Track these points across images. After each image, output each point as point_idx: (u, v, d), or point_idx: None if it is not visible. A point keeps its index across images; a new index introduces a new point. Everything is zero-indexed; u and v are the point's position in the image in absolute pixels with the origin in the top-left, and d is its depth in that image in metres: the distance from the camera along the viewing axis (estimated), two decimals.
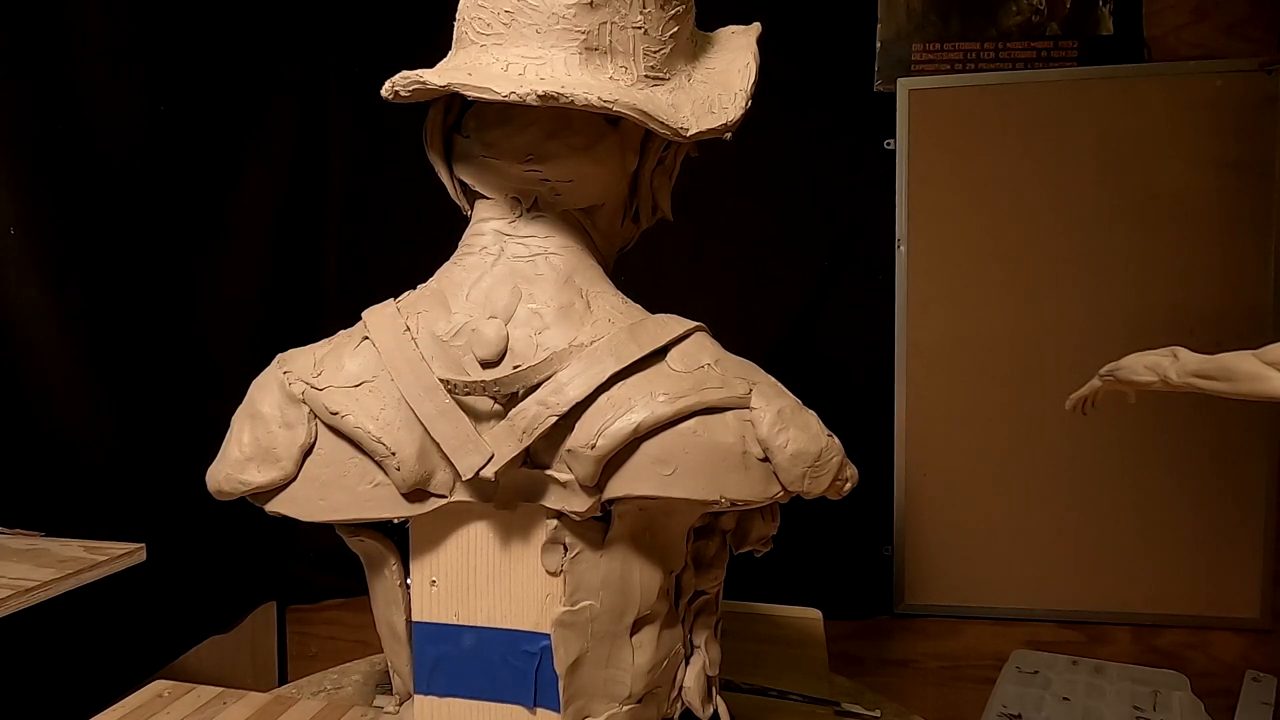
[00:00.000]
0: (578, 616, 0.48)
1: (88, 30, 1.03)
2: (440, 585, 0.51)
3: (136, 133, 1.09)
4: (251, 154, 1.26)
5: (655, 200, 0.57)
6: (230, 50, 1.22)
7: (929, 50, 1.27)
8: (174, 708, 0.71)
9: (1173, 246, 1.21)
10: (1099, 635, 1.28)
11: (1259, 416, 1.20)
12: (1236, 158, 1.19)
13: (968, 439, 1.28)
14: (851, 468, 0.48)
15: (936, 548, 1.30)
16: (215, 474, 0.49)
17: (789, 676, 0.76)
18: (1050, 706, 1.05)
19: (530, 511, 0.48)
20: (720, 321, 0.52)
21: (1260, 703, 1.14)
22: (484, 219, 0.52)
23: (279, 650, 1.51)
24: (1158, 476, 1.23)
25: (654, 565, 0.49)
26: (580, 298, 0.49)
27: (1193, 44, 1.21)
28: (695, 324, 0.49)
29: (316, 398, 0.47)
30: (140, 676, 0.84)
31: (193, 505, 0.53)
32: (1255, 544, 1.22)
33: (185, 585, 1.22)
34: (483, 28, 0.50)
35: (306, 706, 0.70)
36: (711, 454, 0.45)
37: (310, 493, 0.48)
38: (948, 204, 1.26)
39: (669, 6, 0.51)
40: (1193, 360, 0.68)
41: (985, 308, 1.26)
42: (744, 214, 1.28)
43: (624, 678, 0.49)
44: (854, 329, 1.30)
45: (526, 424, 0.46)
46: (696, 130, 0.50)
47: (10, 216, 0.96)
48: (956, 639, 1.33)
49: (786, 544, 0.59)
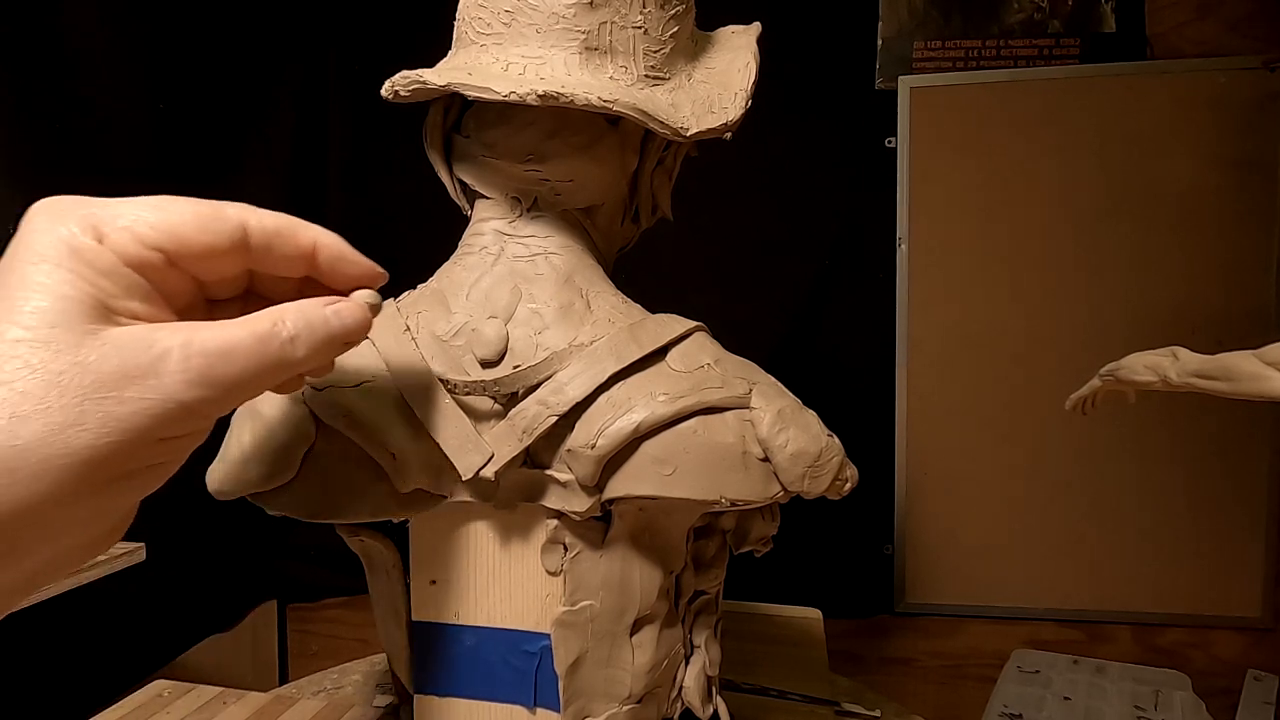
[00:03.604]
0: (578, 616, 0.48)
1: (88, 30, 1.03)
2: (440, 585, 0.51)
3: (136, 132, 1.09)
4: (251, 154, 1.26)
5: (655, 200, 0.56)
6: (230, 50, 1.22)
7: (930, 48, 1.26)
8: (174, 707, 0.71)
9: (1175, 245, 1.21)
10: (1100, 634, 1.28)
11: (1260, 416, 1.19)
12: (1240, 156, 1.19)
13: (968, 438, 1.28)
14: (852, 468, 0.48)
15: (937, 547, 1.30)
16: (215, 473, 0.49)
17: (789, 676, 0.76)
18: (1051, 706, 1.05)
19: (530, 511, 0.48)
20: (720, 321, 0.52)
21: (1262, 702, 1.13)
22: (484, 219, 0.52)
23: (279, 649, 1.51)
24: (1159, 475, 1.23)
25: (654, 565, 0.49)
26: (580, 298, 0.49)
27: (1196, 41, 1.20)
28: (695, 324, 0.49)
29: (317, 397, 0.47)
30: (140, 676, 0.84)
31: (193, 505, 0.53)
32: (1257, 543, 1.22)
33: (185, 585, 1.22)
34: (483, 27, 0.50)
35: (306, 706, 0.70)
36: (711, 454, 0.45)
37: (310, 493, 0.48)
38: (949, 202, 1.26)
39: (669, 6, 0.51)
40: (1193, 360, 0.68)
41: (986, 307, 1.26)
42: (744, 213, 1.28)
43: (624, 678, 0.49)
44: (854, 328, 1.30)
45: (526, 424, 0.46)
46: (696, 130, 0.50)
47: (10, 216, 0.96)
48: (957, 638, 1.33)
49: (786, 544, 0.59)
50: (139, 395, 0.28)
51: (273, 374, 0.32)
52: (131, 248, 0.30)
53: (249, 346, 0.31)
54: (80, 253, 0.29)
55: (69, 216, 0.30)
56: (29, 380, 0.27)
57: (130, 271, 0.30)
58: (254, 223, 0.34)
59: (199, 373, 0.30)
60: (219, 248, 0.33)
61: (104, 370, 0.28)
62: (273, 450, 0.47)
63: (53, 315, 0.28)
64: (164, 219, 0.31)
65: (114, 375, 0.28)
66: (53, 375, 0.27)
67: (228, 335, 0.31)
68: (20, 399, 0.26)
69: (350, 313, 0.35)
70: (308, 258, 0.36)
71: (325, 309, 0.34)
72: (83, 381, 0.27)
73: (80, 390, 0.27)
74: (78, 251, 0.29)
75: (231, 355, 0.31)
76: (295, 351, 0.33)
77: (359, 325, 0.35)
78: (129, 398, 0.28)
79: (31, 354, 0.27)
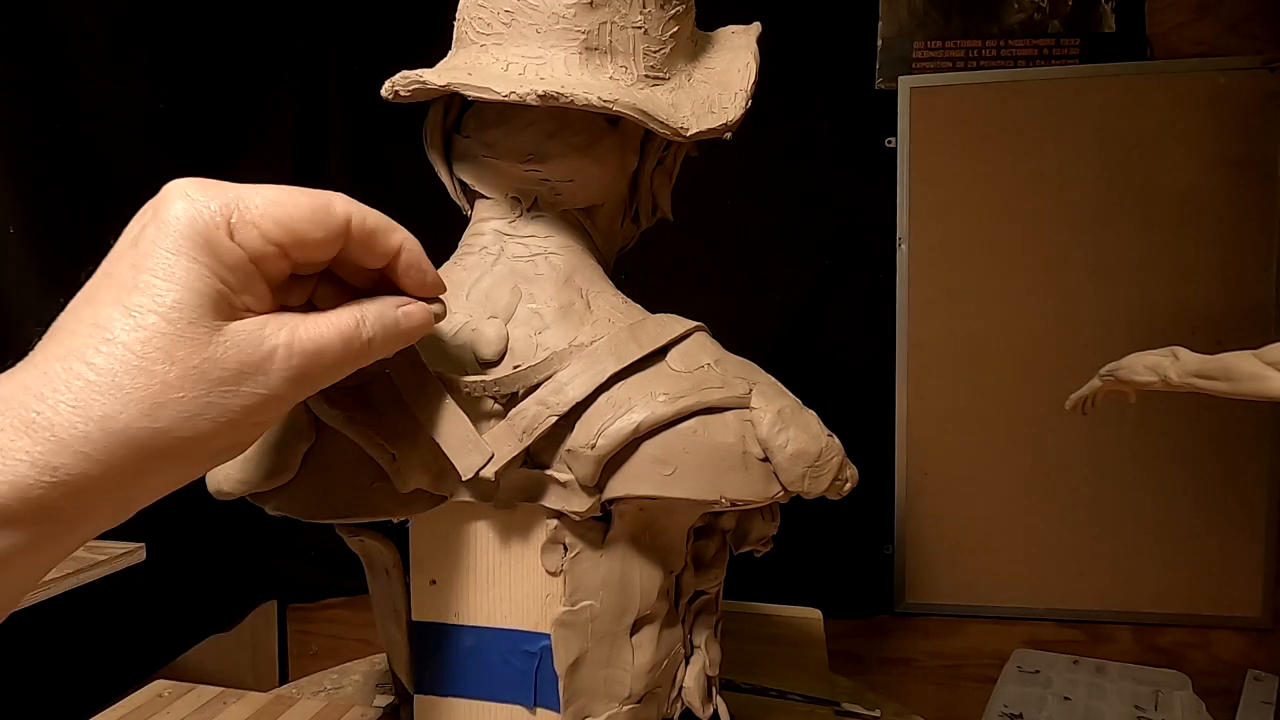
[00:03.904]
0: (578, 616, 0.48)
1: (88, 30, 1.03)
2: (440, 585, 0.51)
3: (136, 132, 1.09)
4: (251, 153, 1.26)
5: (655, 200, 0.56)
6: (230, 50, 1.22)
7: (930, 48, 1.27)
8: (174, 708, 0.71)
9: (1175, 245, 1.21)
10: (1100, 634, 1.28)
11: (1260, 416, 1.20)
12: (1239, 156, 1.19)
13: (969, 438, 1.28)
14: (852, 468, 0.48)
15: (937, 547, 1.30)
16: (215, 473, 0.49)
17: (789, 676, 0.76)
18: (1051, 706, 1.05)
19: (530, 511, 0.48)
20: (720, 321, 0.52)
21: (1262, 702, 1.14)
22: (484, 219, 0.52)
23: (279, 649, 1.51)
24: (1159, 475, 1.23)
25: (654, 565, 0.49)
26: (580, 298, 0.49)
27: (1195, 41, 1.21)
28: (695, 324, 0.49)
29: (317, 397, 0.47)
30: (140, 676, 0.84)
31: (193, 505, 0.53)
32: (1257, 543, 1.22)
33: (185, 585, 1.22)
34: (483, 27, 0.50)
35: (306, 706, 0.70)
36: (712, 454, 0.44)
37: (311, 493, 0.48)
38: (949, 202, 1.26)
39: (669, 6, 0.51)
40: (1193, 360, 0.68)
41: (987, 306, 1.26)
42: (744, 213, 1.28)
43: (624, 678, 0.49)
44: (855, 328, 1.30)
45: (526, 424, 0.46)
46: (696, 130, 0.50)
47: (10, 216, 0.96)
48: (957, 638, 1.33)
49: (786, 544, 0.59)
50: (251, 390, 0.32)
51: (350, 367, 0.37)
52: (256, 244, 0.33)
53: (337, 347, 0.35)
54: (214, 246, 0.32)
55: (207, 204, 0.32)
56: (169, 372, 0.30)
57: (252, 268, 0.33)
58: (356, 220, 0.36)
59: (298, 370, 0.33)
60: (326, 242, 0.36)
61: (226, 366, 0.31)
62: (272, 450, 0.47)
63: (190, 311, 0.31)
64: (285, 215, 0.34)
65: (233, 371, 0.32)
66: (188, 369, 0.30)
67: (320, 334, 0.34)
68: (162, 389, 0.30)
69: (418, 316, 0.39)
70: (391, 257, 0.38)
71: (397, 310, 0.38)
72: (210, 375, 0.31)
73: (208, 383, 0.31)
74: (212, 245, 0.32)
75: (323, 354, 0.34)
76: (371, 350, 0.37)
77: (421, 327, 0.40)
78: (243, 391, 0.32)
79: (174, 348, 0.30)
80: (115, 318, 0.30)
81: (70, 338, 0.30)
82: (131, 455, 0.29)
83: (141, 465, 0.30)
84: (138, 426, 0.29)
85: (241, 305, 0.33)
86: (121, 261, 0.31)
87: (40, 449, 0.28)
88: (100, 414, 0.29)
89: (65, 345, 0.30)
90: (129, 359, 0.30)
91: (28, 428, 0.28)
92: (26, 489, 0.28)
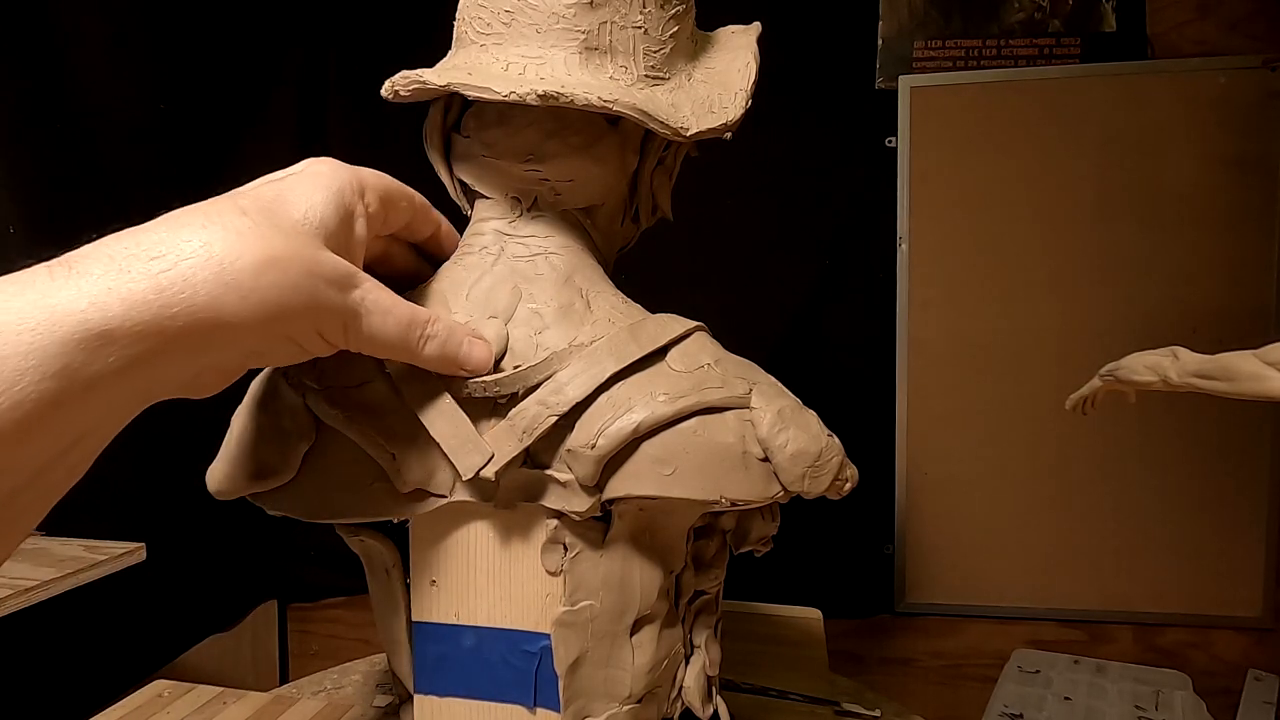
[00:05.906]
0: (578, 616, 0.48)
1: (87, 30, 1.03)
2: (440, 585, 0.51)
3: (136, 132, 1.09)
4: (252, 154, 1.26)
5: (655, 200, 0.56)
6: (230, 49, 1.22)
7: (930, 47, 1.26)
8: (174, 707, 0.71)
9: (1176, 245, 1.21)
10: (1100, 634, 1.28)
11: (1260, 416, 1.19)
12: (1240, 155, 1.19)
13: (969, 438, 1.28)
14: (852, 467, 0.48)
15: (937, 546, 1.31)
16: (215, 473, 0.49)
17: (789, 676, 0.76)
18: (1052, 706, 1.05)
19: (530, 511, 0.48)
20: (720, 321, 0.52)
21: (1262, 702, 1.14)
22: (484, 219, 0.52)
23: (279, 649, 1.51)
24: (1159, 475, 1.23)
25: (654, 565, 0.49)
26: (580, 298, 0.49)
27: (1196, 41, 1.21)
28: (695, 324, 0.49)
29: (317, 397, 0.47)
30: (140, 676, 0.84)
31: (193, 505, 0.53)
32: (1258, 542, 1.22)
33: (185, 584, 1.22)
34: (483, 27, 0.50)
35: (306, 706, 0.70)
36: (712, 454, 0.45)
37: (311, 493, 0.48)
38: (949, 202, 1.26)
39: (669, 6, 0.51)
40: (1193, 360, 0.68)
41: (987, 306, 1.26)
42: (744, 213, 1.28)
43: (624, 678, 0.49)
44: (855, 328, 1.30)
45: (526, 424, 0.45)
46: (697, 130, 0.50)
47: (10, 216, 0.96)
48: (957, 638, 1.33)
49: (786, 544, 0.59)
50: (338, 297, 0.38)
51: (397, 355, 0.43)
52: (367, 234, 0.42)
53: (394, 331, 0.41)
54: (344, 197, 0.41)
55: (349, 179, 0.42)
56: (286, 246, 0.36)
57: (361, 252, 0.42)
58: (418, 199, 0.47)
59: (366, 310, 0.40)
60: (410, 210, 0.46)
61: (324, 273, 0.37)
62: (273, 450, 0.47)
63: (315, 227, 0.39)
64: (386, 187, 0.45)
65: (332, 273, 0.38)
66: (298, 252, 0.36)
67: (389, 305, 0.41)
68: (278, 250, 0.35)
69: (478, 354, 0.45)
70: (436, 226, 0.51)
71: (463, 340, 0.44)
72: (312, 268, 0.37)
73: (309, 272, 0.36)
74: (346, 211, 0.41)
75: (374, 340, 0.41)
76: (420, 352, 0.43)
77: (478, 365, 0.45)
78: (331, 295, 0.38)
79: (292, 237, 0.37)
80: (245, 199, 0.37)
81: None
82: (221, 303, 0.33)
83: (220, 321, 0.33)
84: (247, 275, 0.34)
85: (344, 250, 0.40)
86: (256, 188, 0.39)
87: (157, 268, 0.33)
88: (220, 256, 0.33)
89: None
90: (258, 219, 0.35)
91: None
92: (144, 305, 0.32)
